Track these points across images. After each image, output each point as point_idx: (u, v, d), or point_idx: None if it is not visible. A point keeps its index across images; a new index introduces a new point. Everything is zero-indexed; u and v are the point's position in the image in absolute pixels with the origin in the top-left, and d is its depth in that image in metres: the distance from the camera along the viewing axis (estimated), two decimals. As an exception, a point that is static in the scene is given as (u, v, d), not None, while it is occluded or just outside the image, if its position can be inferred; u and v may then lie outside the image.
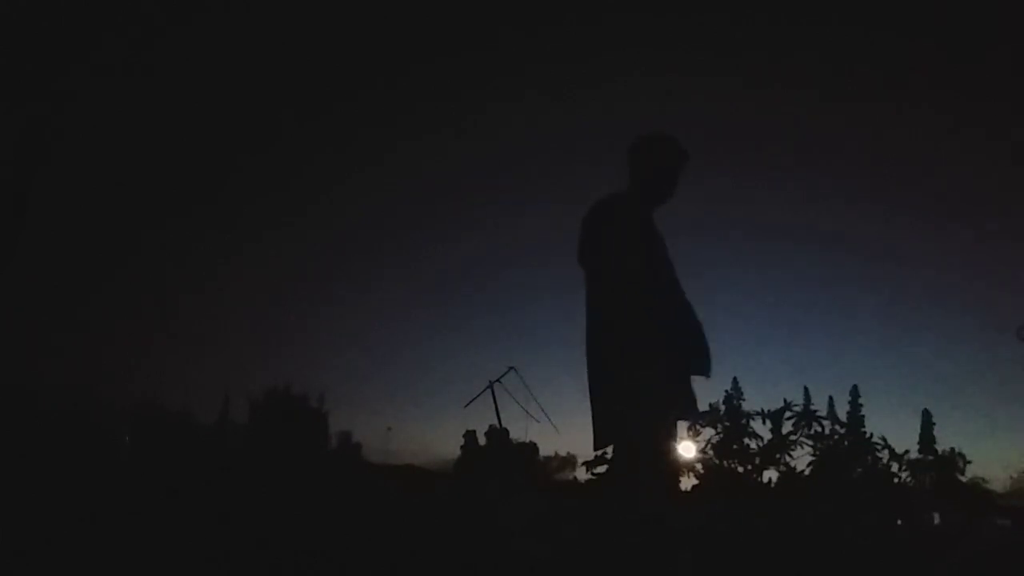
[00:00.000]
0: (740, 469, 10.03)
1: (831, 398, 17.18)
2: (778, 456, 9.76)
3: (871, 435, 10.84)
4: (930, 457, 18.08)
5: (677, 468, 3.01)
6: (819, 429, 9.85)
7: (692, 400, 2.71)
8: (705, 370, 2.71)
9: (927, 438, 18.88)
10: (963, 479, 17.69)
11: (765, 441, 9.92)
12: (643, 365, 2.48)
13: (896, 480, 10.44)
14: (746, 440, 10.11)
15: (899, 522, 10.32)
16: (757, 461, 9.91)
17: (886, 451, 10.28)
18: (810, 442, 9.78)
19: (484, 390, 6.63)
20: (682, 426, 3.03)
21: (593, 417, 2.66)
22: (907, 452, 10.98)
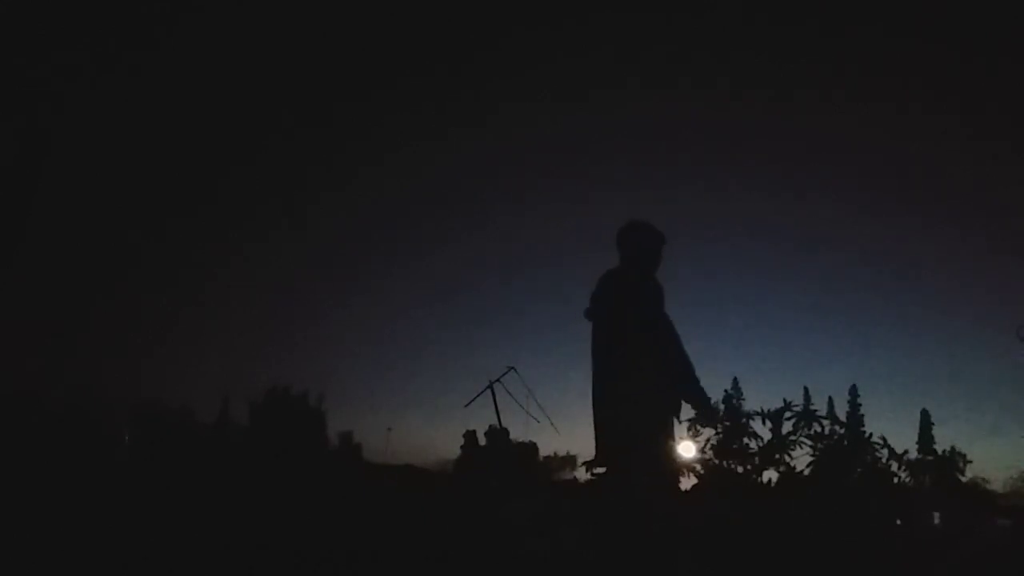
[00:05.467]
0: (740, 469, 10.02)
1: (831, 398, 17.17)
2: (778, 456, 9.75)
3: (870, 435, 10.82)
4: (929, 457, 18.08)
5: (677, 467, 3.34)
6: (819, 429, 9.83)
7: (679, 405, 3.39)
8: (695, 397, 3.41)
9: (926, 438, 18.88)
10: (963, 479, 17.69)
11: (765, 441, 9.90)
12: (647, 385, 3.17)
13: (896, 480, 10.43)
14: (746, 440, 10.09)
15: (899, 522, 10.31)
16: (757, 461, 9.89)
17: (885, 450, 10.27)
18: (810, 442, 9.76)
19: (484, 390, 6.62)
20: (682, 427, 3.29)
21: (598, 432, 3.15)
22: (906, 452, 10.96)
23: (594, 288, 3.51)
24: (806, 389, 12.77)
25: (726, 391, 13.00)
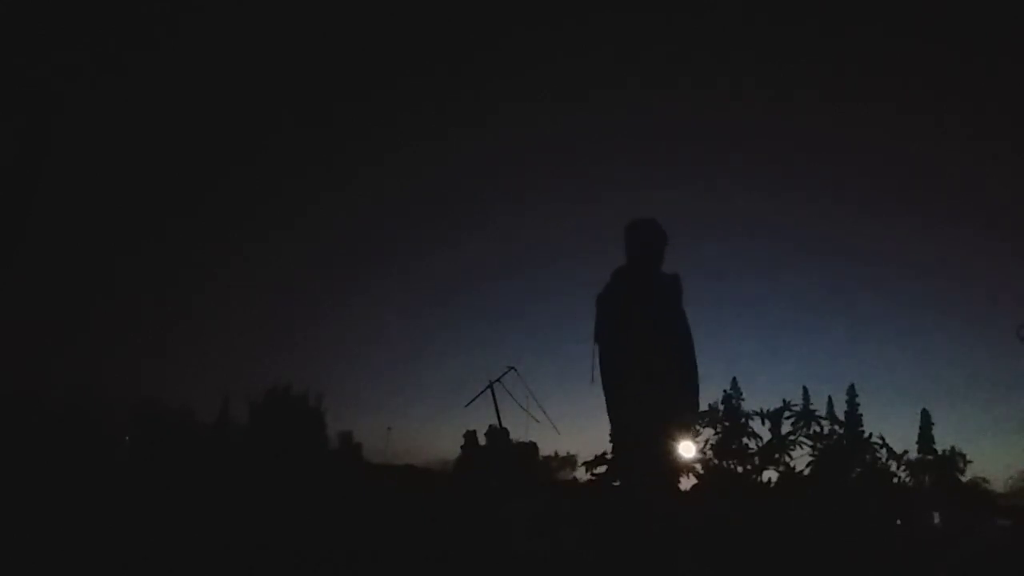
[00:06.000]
0: (739, 469, 10.02)
1: (830, 398, 17.21)
2: (777, 456, 9.75)
3: (869, 435, 10.84)
4: (929, 457, 18.09)
5: (677, 467, 3.34)
6: (818, 429, 9.84)
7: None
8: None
9: (926, 438, 18.90)
10: (963, 479, 17.71)
11: (764, 441, 9.91)
12: (649, 384, 3.19)
13: (896, 480, 10.44)
14: (745, 440, 10.09)
15: (899, 522, 10.31)
16: (757, 461, 9.89)
17: (884, 450, 10.28)
18: (809, 442, 9.77)
19: (484, 390, 6.63)
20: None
21: (614, 425, 3.18)
22: (906, 452, 10.97)
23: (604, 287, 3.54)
24: (805, 389, 12.80)
25: (726, 391, 13.02)
